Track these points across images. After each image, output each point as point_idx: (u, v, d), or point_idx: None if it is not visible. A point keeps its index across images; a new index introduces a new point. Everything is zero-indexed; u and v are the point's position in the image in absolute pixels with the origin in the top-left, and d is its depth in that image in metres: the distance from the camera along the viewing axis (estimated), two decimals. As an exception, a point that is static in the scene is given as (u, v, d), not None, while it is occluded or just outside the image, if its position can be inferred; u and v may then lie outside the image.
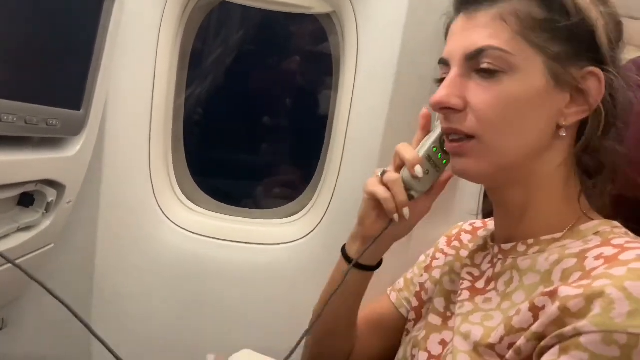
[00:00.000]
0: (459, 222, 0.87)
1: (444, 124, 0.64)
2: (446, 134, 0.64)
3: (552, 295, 0.52)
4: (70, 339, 1.08)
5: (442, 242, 0.86)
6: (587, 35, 0.58)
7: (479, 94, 0.59)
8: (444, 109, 0.62)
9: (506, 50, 0.58)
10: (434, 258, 0.84)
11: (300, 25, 1.35)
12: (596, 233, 0.59)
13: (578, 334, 0.47)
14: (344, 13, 1.06)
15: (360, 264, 0.76)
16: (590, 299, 0.48)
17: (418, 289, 0.83)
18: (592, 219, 0.61)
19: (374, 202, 0.72)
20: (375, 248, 0.74)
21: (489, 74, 0.59)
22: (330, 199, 1.10)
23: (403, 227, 0.74)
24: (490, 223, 0.78)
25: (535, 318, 0.53)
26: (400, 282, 0.89)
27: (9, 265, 0.78)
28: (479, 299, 0.65)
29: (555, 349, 0.49)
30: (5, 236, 0.75)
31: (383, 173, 0.72)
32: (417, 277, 0.85)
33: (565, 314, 0.49)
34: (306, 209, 1.18)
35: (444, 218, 0.90)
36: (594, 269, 0.52)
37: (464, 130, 0.61)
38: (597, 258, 0.53)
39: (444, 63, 0.64)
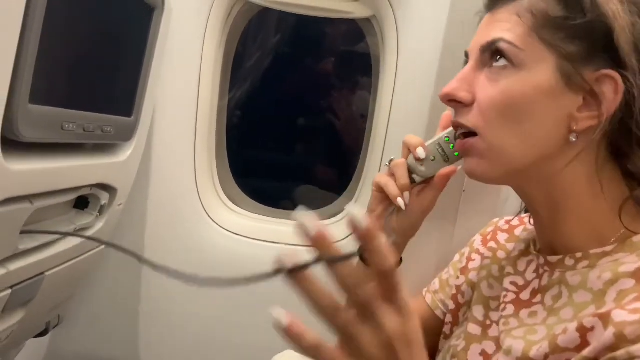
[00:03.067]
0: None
1: (454, 117, 0.64)
2: (454, 128, 0.65)
3: (604, 317, 0.49)
4: (118, 334, 1.13)
5: (477, 241, 0.83)
6: (604, 34, 0.54)
7: (486, 88, 0.59)
8: (452, 102, 0.62)
9: (516, 44, 0.57)
10: (469, 259, 0.82)
11: (336, 26, 1.36)
12: None
13: (632, 358, 0.45)
14: (384, 17, 1.07)
15: None
16: None
17: (454, 291, 0.81)
18: None
19: (381, 193, 0.74)
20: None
21: (499, 68, 0.58)
22: (369, 200, 1.10)
23: (409, 221, 0.75)
24: (527, 220, 0.75)
25: (583, 339, 0.51)
26: (436, 284, 0.87)
27: (68, 264, 0.82)
28: (523, 313, 0.63)
29: None
30: (64, 237, 0.78)
31: (390, 161, 0.74)
32: (453, 279, 0.83)
33: (621, 341, 0.47)
34: (345, 210, 1.19)
35: (490, 217, 0.89)
36: None
37: (467, 124, 0.61)
38: None
39: (466, 57, 0.65)
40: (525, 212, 0.76)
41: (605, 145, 0.58)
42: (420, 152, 0.71)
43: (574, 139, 0.57)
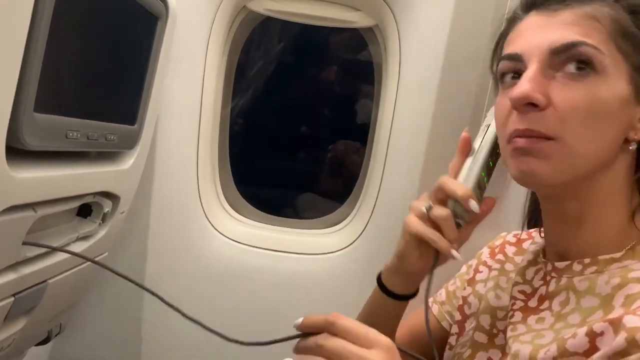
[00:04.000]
0: (502, 233, 0.86)
1: (519, 124, 0.57)
2: (521, 135, 0.57)
3: (615, 323, 0.50)
4: (121, 344, 1.13)
5: (485, 253, 0.83)
6: None
7: (565, 92, 0.55)
8: (528, 105, 0.56)
9: (600, 49, 0.55)
10: (477, 271, 0.82)
11: (339, 35, 1.37)
12: None
13: None
14: (387, 26, 1.08)
15: (397, 294, 0.75)
16: None
17: (461, 302, 0.81)
18: None
19: (418, 240, 0.68)
20: (413, 279, 0.73)
21: (577, 72, 0.55)
22: (372, 209, 1.10)
23: (446, 257, 0.71)
24: (536, 235, 0.75)
25: (592, 344, 0.51)
26: (442, 295, 0.87)
27: (71, 271, 0.82)
28: (531, 319, 0.63)
29: None
30: (66, 245, 0.78)
31: (429, 209, 0.67)
32: (460, 290, 0.83)
33: (633, 346, 0.47)
34: (348, 218, 1.20)
35: (489, 228, 0.89)
36: None
37: (544, 131, 0.55)
38: None
39: (515, 59, 0.59)
40: (529, 227, 0.76)
41: (636, 154, 0.60)
42: (475, 207, 0.65)
43: (632, 147, 0.57)
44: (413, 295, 0.76)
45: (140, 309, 1.10)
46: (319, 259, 1.13)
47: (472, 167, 0.68)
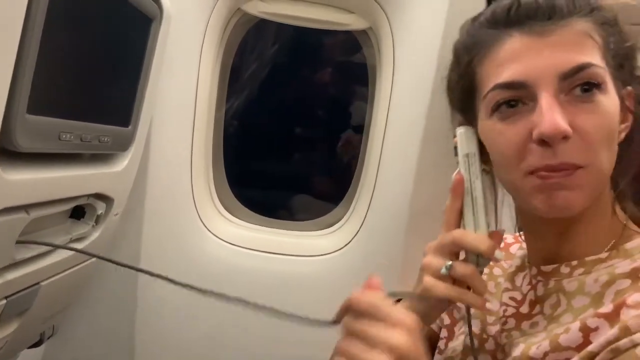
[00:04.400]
0: None
1: (550, 159, 0.54)
2: (556, 170, 0.55)
3: (610, 317, 0.51)
4: (113, 345, 1.12)
5: None
6: (631, 57, 0.60)
7: (585, 115, 0.54)
8: (560, 140, 0.53)
9: (602, 67, 0.55)
10: None
11: (333, 37, 1.37)
12: None
13: (634, 345, 0.47)
14: (381, 28, 1.08)
15: None
16: None
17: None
18: (637, 235, 0.59)
19: (444, 302, 0.63)
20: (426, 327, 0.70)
21: (586, 94, 0.54)
22: (366, 211, 1.10)
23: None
24: (522, 239, 0.75)
25: (586, 338, 0.52)
26: None
27: (64, 274, 0.82)
28: (525, 325, 0.63)
29: None
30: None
31: (449, 268, 0.61)
32: None
33: (625, 333, 0.48)
34: (342, 220, 1.20)
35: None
36: None
37: (575, 162, 0.54)
38: None
39: (518, 87, 0.56)
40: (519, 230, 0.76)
41: None
42: (500, 256, 0.60)
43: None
44: None
45: (133, 310, 1.10)
46: (313, 261, 1.13)
47: (475, 210, 0.62)
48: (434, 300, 0.63)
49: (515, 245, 0.79)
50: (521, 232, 0.76)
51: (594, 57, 0.55)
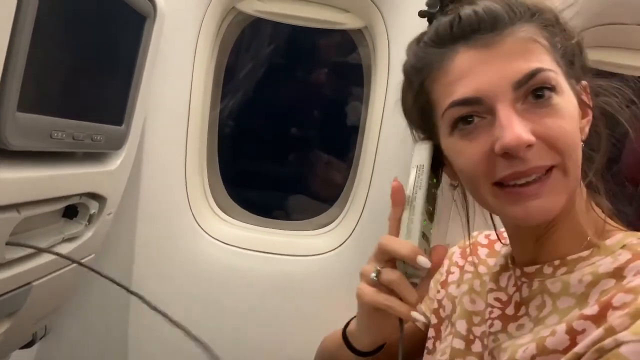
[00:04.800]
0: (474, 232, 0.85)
1: (519, 166, 0.54)
2: (525, 175, 0.55)
3: (597, 320, 0.51)
4: (107, 346, 1.12)
5: (456, 253, 0.83)
6: (579, 53, 0.61)
7: (545, 120, 0.54)
8: (526, 148, 0.53)
9: (553, 70, 0.56)
10: (449, 272, 0.82)
11: (328, 37, 1.37)
12: (623, 247, 0.57)
13: (618, 344, 0.47)
14: (376, 28, 1.08)
15: (363, 352, 0.71)
16: (636, 316, 0.47)
17: (436, 305, 0.81)
18: (615, 231, 0.60)
19: (377, 310, 0.61)
20: (379, 341, 0.69)
21: (542, 97, 0.55)
22: (361, 211, 1.10)
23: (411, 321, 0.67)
24: (506, 236, 0.74)
25: (572, 341, 0.52)
26: None
27: (55, 274, 0.81)
28: (511, 327, 0.63)
29: None
30: (51, 247, 0.77)
31: (377, 274, 0.60)
32: (434, 292, 0.83)
33: (610, 333, 0.49)
34: (337, 220, 1.19)
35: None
36: (636, 286, 0.51)
37: (547, 164, 0.54)
38: (636, 274, 0.52)
39: (472, 103, 0.56)
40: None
41: None
42: (425, 262, 0.58)
43: (582, 148, 0.58)
44: (377, 350, 0.72)
45: (126, 311, 1.09)
46: (308, 261, 1.12)
47: (411, 219, 0.61)
48: (368, 308, 0.62)
49: (499, 243, 0.78)
50: (503, 230, 0.75)
51: (542, 61, 0.56)
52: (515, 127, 0.53)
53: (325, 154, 1.43)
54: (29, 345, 0.93)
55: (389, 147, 1.06)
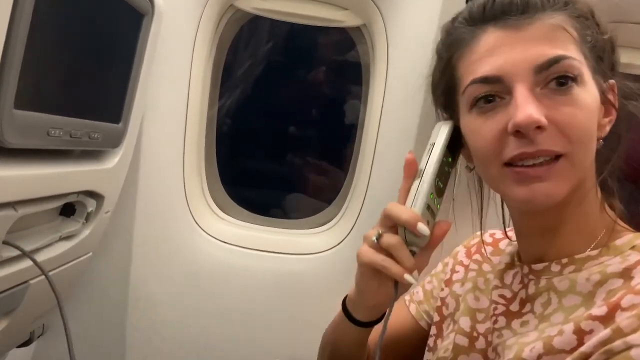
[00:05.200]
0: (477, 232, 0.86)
1: (527, 147, 0.55)
2: (532, 156, 0.56)
3: (605, 320, 0.51)
4: (104, 346, 1.11)
5: (461, 253, 0.83)
6: (609, 50, 0.60)
7: (562, 108, 0.55)
8: (536, 129, 0.54)
9: (578, 59, 0.56)
10: (453, 271, 0.82)
11: (327, 35, 1.37)
12: (633, 247, 0.57)
13: (628, 347, 0.47)
14: (374, 25, 1.07)
15: (362, 322, 0.72)
16: None
17: (439, 303, 0.81)
18: (625, 232, 0.60)
19: (373, 271, 0.64)
20: (376, 309, 0.70)
21: (563, 86, 0.55)
22: (359, 209, 1.10)
23: (407, 286, 0.68)
24: (512, 234, 0.75)
25: (580, 341, 0.52)
26: (420, 294, 0.87)
27: (53, 272, 0.81)
28: (515, 323, 0.63)
29: None
30: (49, 245, 0.77)
31: (378, 237, 0.63)
32: (437, 291, 0.83)
33: (618, 334, 0.48)
34: (335, 219, 1.19)
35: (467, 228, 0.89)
36: None
37: (556, 149, 0.55)
38: None
39: (493, 81, 0.57)
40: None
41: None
42: (424, 230, 0.61)
43: (599, 146, 0.59)
44: (378, 321, 0.73)
45: (124, 310, 1.09)
46: (306, 259, 1.12)
47: (419, 190, 0.64)
48: (366, 269, 0.65)
49: (504, 241, 0.78)
50: (510, 228, 0.76)
51: (568, 50, 0.56)
52: (528, 107, 0.54)
53: (324, 152, 1.43)
54: (26, 343, 0.93)
55: (387, 146, 1.06)
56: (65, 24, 0.62)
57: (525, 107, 0.54)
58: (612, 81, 0.60)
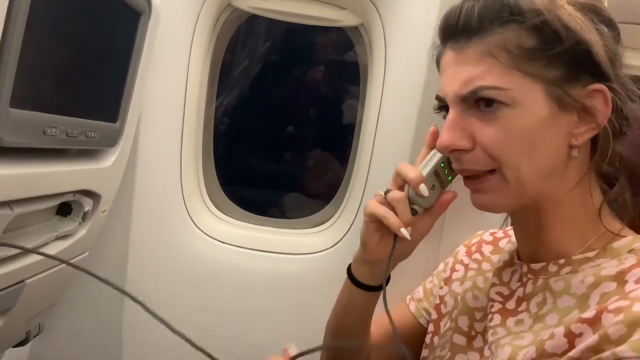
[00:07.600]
0: (479, 231, 0.87)
1: (456, 165, 0.63)
2: (462, 173, 0.64)
3: (593, 323, 0.51)
4: (101, 345, 1.11)
5: (461, 252, 0.84)
6: (585, 54, 0.56)
7: (485, 130, 0.58)
8: (454, 152, 0.61)
9: (500, 87, 0.56)
10: (453, 270, 0.83)
11: (325, 35, 1.37)
12: (630, 251, 0.57)
13: (618, 359, 0.46)
14: (372, 25, 1.07)
15: (367, 286, 0.76)
16: (633, 325, 0.47)
17: (438, 301, 0.82)
18: (624, 235, 0.59)
19: (376, 223, 0.70)
20: (378, 267, 0.73)
21: (489, 110, 0.58)
22: (357, 209, 1.10)
23: (406, 246, 0.72)
24: (512, 232, 0.77)
25: (570, 344, 0.52)
26: (420, 292, 0.88)
27: (49, 272, 0.81)
28: (510, 321, 0.64)
29: None
30: (45, 244, 0.77)
31: (386, 192, 0.70)
32: (437, 289, 0.84)
33: (605, 341, 0.48)
34: (333, 219, 1.19)
35: (473, 229, 0.89)
36: (633, 291, 0.51)
37: (479, 169, 0.60)
38: (637, 282, 0.52)
39: (440, 100, 0.64)
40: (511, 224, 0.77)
41: (589, 151, 0.61)
42: (424, 190, 0.67)
43: (575, 154, 0.59)
44: (379, 288, 0.76)
45: (121, 309, 1.08)
46: (303, 259, 1.12)
47: (432, 157, 0.70)
48: (369, 220, 0.70)
49: (504, 239, 0.79)
50: (510, 227, 0.76)
51: (491, 76, 0.57)
52: (445, 133, 0.60)
53: (321, 152, 1.43)
54: (22, 343, 0.92)
55: (385, 145, 1.06)
56: (61, 22, 0.61)
57: (444, 133, 0.60)
58: (595, 86, 0.57)
